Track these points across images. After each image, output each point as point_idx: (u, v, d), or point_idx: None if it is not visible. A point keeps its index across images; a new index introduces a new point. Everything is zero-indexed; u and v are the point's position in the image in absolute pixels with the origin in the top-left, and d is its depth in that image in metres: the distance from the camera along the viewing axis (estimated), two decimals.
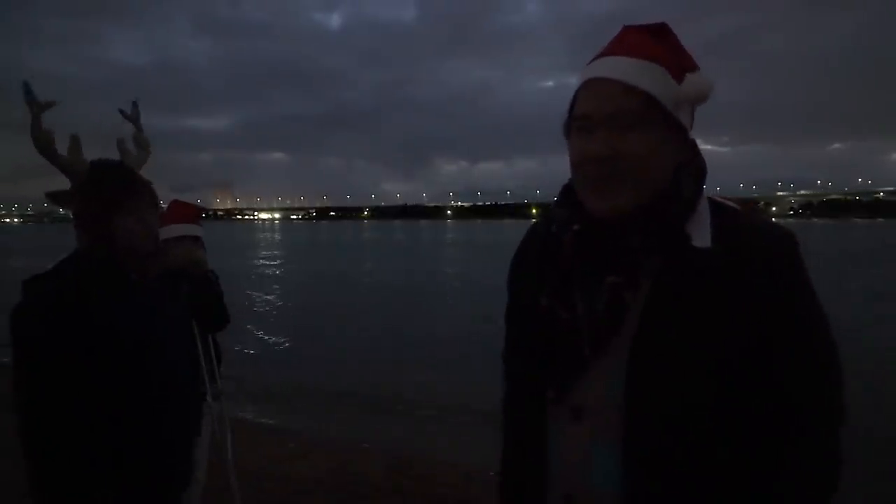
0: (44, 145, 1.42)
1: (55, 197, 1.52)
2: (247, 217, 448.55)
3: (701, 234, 0.90)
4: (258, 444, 4.49)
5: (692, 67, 0.92)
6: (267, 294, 16.64)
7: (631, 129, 0.89)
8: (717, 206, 0.95)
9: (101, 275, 1.45)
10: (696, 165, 0.96)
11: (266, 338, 10.51)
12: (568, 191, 1.01)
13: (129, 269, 1.51)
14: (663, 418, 0.86)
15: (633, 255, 0.91)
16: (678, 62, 0.92)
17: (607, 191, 0.91)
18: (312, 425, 5.67)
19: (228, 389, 2.87)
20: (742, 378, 0.85)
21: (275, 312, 13.34)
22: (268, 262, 28.67)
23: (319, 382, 7.37)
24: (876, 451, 4.55)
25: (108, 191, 1.49)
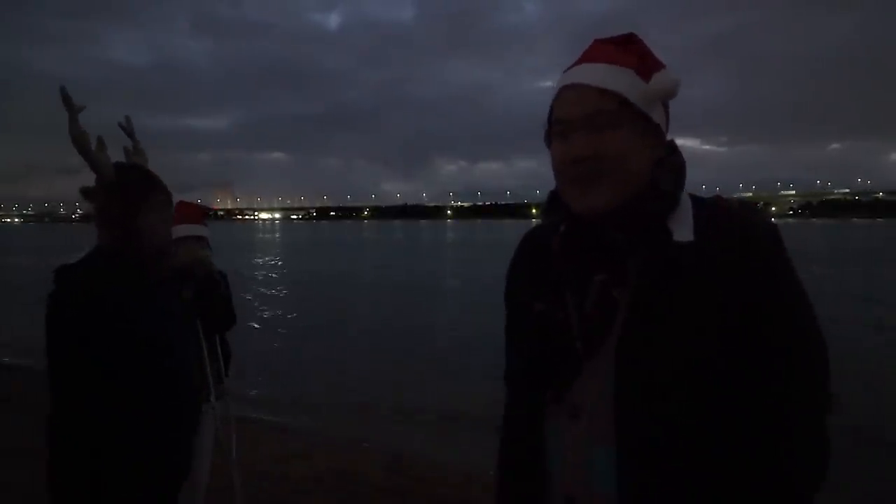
0: (82, 144, 1.53)
1: (87, 193, 1.63)
2: (247, 217, 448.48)
3: (683, 229, 0.91)
4: (258, 444, 4.49)
5: (659, 67, 0.95)
6: (267, 294, 16.62)
7: (607, 128, 0.92)
8: (698, 201, 0.96)
9: (124, 273, 1.55)
10: (673, 162, 0.97)
11: (266, 337, 10.48)
12: (554, 197, 1.04)
13: (148, 267, 1.60)
14: (652, 417, 0.86)
15: (618, 252, 0.92)
16: (645, 64, 0.95)
17: (588, 190, 0.93)
18: (312, 425, 5.67)
19: (233, 389, 2.87)
20: (728, 371, 0.85)
21: (275, 312, 13.33)
22: (268, 262, 28.66)
23: (320, 382, 7.37)
24: (876, 451, 4.56)
25: (136, 190, 1.60)
